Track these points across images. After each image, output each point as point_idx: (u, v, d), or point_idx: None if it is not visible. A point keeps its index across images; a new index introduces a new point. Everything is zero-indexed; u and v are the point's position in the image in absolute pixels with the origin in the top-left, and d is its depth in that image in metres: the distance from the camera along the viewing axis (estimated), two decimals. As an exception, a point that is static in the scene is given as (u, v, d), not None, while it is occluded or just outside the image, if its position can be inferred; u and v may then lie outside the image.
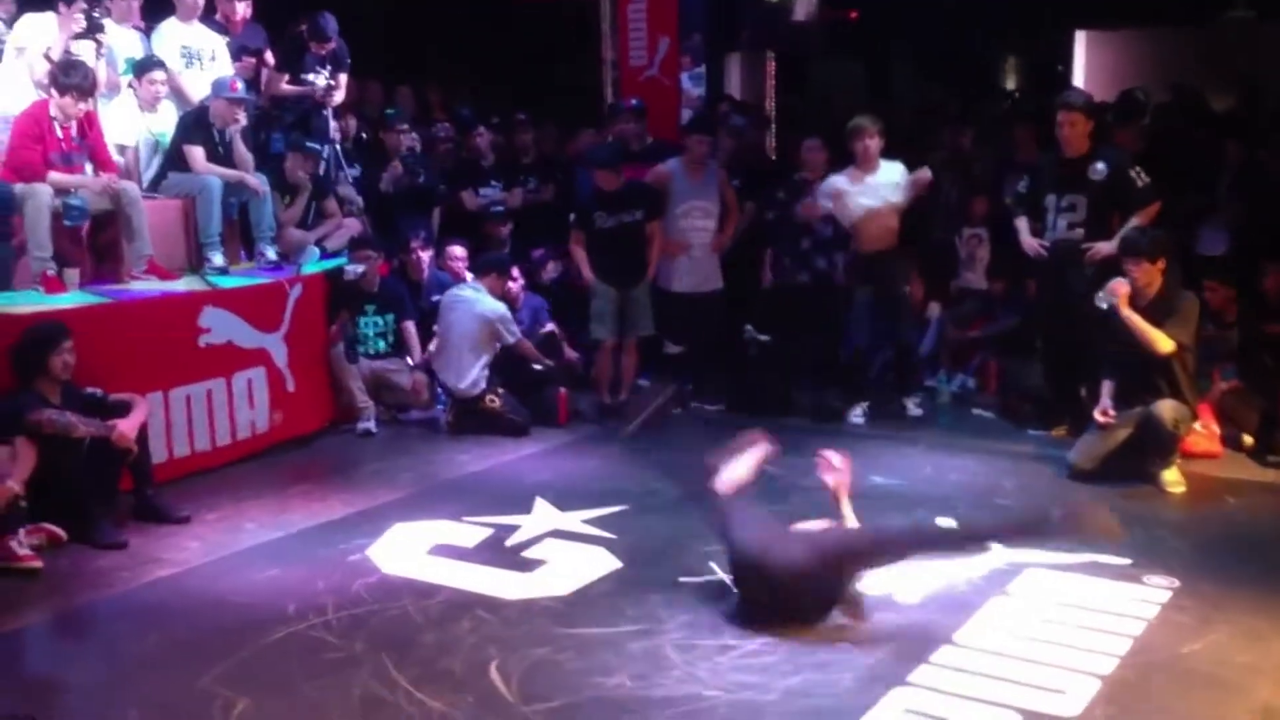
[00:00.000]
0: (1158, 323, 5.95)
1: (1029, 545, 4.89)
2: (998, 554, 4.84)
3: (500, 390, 7.25)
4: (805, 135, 8.14)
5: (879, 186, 7.16)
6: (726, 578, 4.83)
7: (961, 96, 10.80)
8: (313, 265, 7.35)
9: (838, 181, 7.28)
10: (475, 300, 7.25)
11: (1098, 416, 6.10)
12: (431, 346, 7.50)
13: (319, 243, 7.61)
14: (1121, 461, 6.06)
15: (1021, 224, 6.92)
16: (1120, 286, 5.96)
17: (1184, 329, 5.99)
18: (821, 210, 7.34)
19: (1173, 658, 4.13)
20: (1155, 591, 4.66)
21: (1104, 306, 6.00)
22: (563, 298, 8.18)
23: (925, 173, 7.23)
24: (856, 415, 7.35)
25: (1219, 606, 4.52)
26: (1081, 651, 4.15)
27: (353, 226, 7.89)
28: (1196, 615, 4.45)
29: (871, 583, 4.74)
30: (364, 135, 8.94)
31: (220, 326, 6.55)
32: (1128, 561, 4.94)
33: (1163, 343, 5.92)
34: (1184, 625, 4.37)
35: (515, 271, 7.78)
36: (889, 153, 7.28)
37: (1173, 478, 5.95)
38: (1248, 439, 6.53)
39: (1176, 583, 4.72)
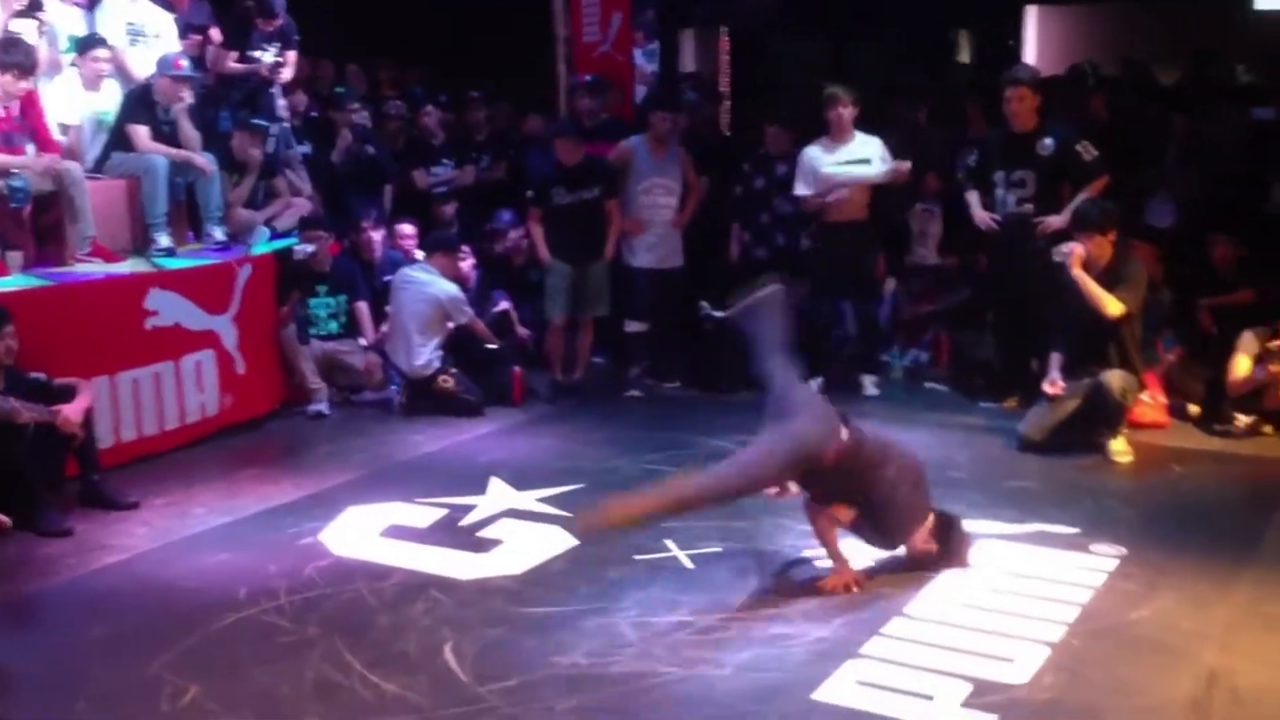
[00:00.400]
0: (1107, 289, 6.01)
1: None
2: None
3: (454, 370, 7.21)
4: (760, 111, 8.13)
5: (853, 155, 7.17)
6: (682, 555, 4.85)
7: (916, 72, 10.82)
8: (262, 245, 7.26)
9: (811, 152, 7.27)
10: (426, 281, 7.20)
11: (1046, 388, 6.16)
12: (385, 327, 7.44)
13: (268, 222, 7.52)
14: (1071, 432, 6.13)
15: (973, 198, 6.97)
16: (1076, 247, 6.03)
17: (1132, 295, 6.05)
18: (835, 196, 7.22)
19: (1120, 624, 4.19)
20: (1103, 560, 4.72)
21: (1057, 260, 6.07)
22: (519, 274, 8.14)
23: (905, 164, 7.22)
24: (812, 389, 7.37)
25: (1165, 573, 4.59)
26: (1030, 620, 4.20)
27: (303, 206, 7.80)
28: (1143, 582, 4.52)
29: (825, 558, 4.78)
30: (314, 113, 8.84)
31: (167, 309, 6.45)
32: (1076, 530, 5.01)
33: (1111, 305, 5.99)
34: (1131, 592, 4.44)
35: (465, 249, 7.73)
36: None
37: (1120, 447, 6.02)
38: (1194, 409, 6.63)
39: (1124, 551, 4.79)
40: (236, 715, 3.70)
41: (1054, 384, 6.15)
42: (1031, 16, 12.06)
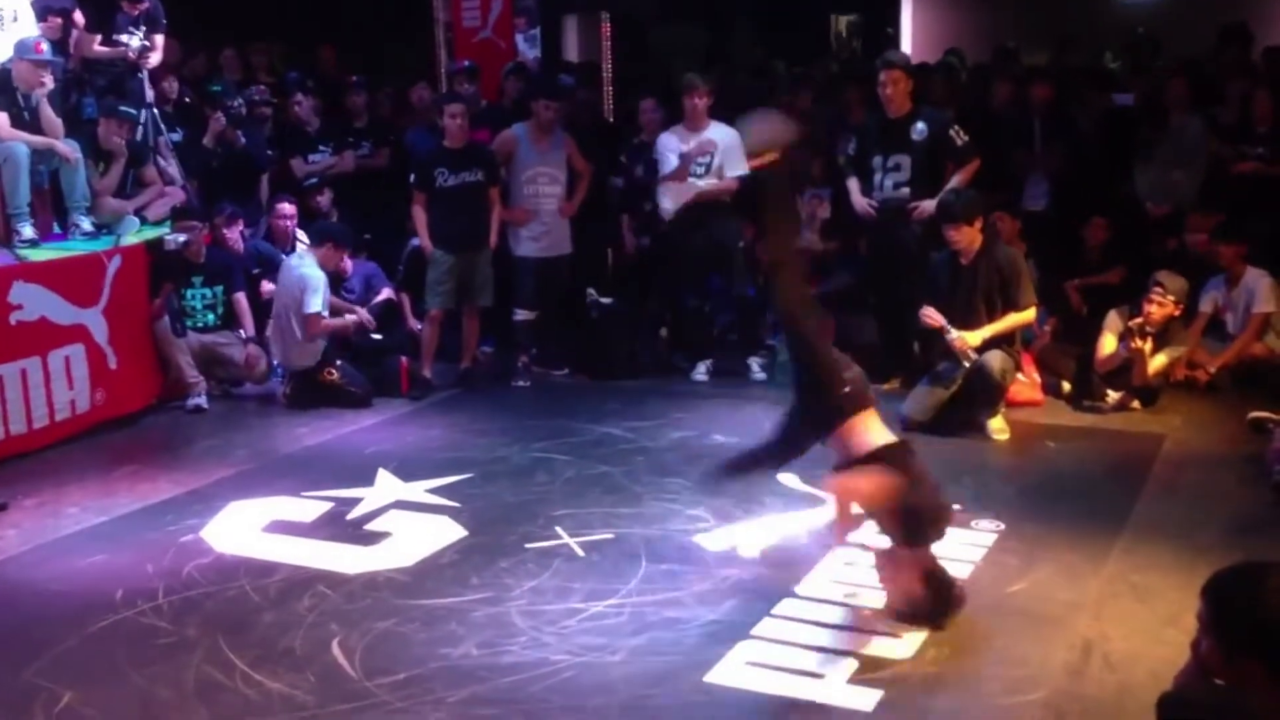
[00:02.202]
0: (994, 288, 6.17)
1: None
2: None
3: (339, 362, 7.08)
4: (642, 98, 8.14)
5: (704, 144, 7.20)
6: (573, 542, 4.85)
7: (797, 59, 10.95)
8: (132, 236, 7.03)
9: (663, 138, 7.35)
10: (295, 266, 7.05)
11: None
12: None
13: (139, 212, 7.28)
14: (951, 412, 6.28)
15: (852, 184, 7.09)
16: (959, 344, 6.13)
17: (1028, 291, 6.24)
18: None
19: (999, 597, 4.31)
20: (983, 535, 4.85)
21: (967, 364, 6.18)
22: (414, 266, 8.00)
23: (731, 184, 7.18)
24: (700, 373, 7.45)
25: (1041, 546, 4.74)
26: (915, 596, 4.29)
27: (175, 195, 7.56)
28: (1021, 555, 4.66)
29: (715, 539, 4.83)
30: (186, 99, 8.56)
31: (32, 302, 6.21)
32: (957, 507, 5.11)
33: (1024, 318, 6.23)
34: (1009, 566, 4.57)
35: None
36: (729, 115, 7.34)
37: (998, 425, 6.20)
38: (1066, 386, 6.85)
39: (1002, 525, 4.94)
40: (114, 721, 3.59)
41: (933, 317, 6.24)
42: (908, 4, 12.30)
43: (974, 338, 6.15)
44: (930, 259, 6.54)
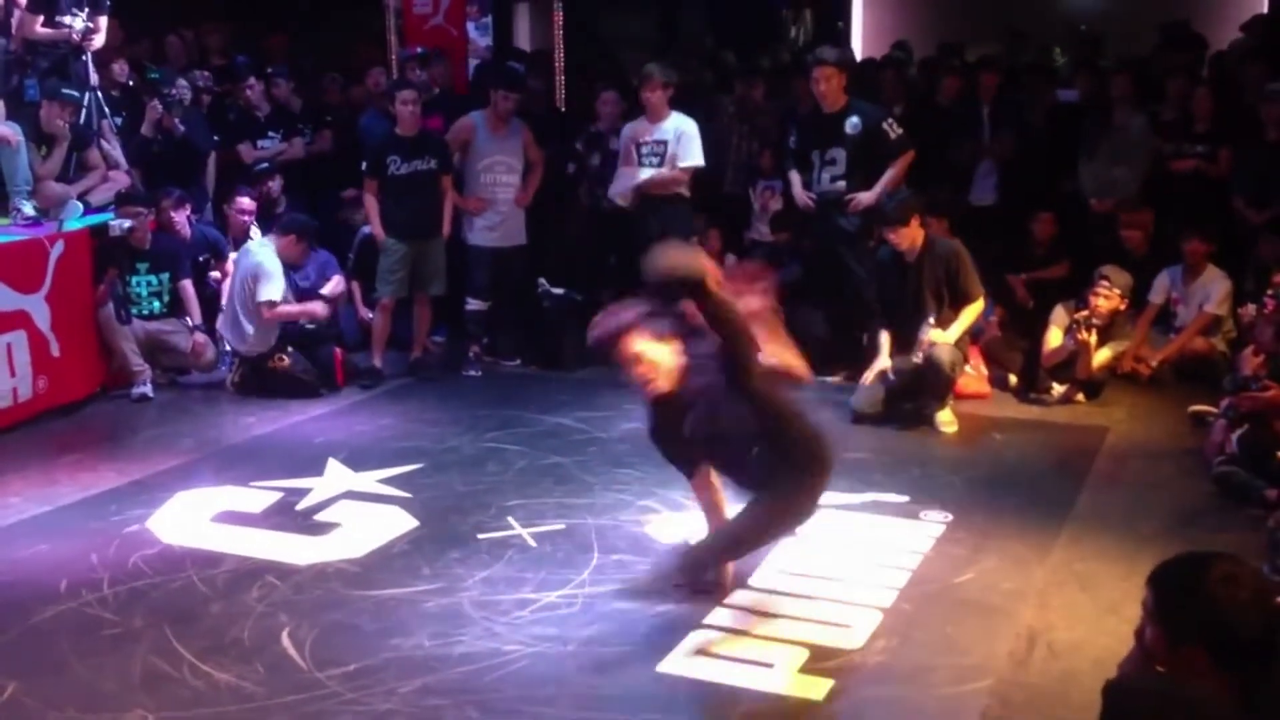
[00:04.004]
0: (941, 281, 6.24)
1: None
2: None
3: (290, 349, 7.00)
4: (594, 86, 8.12)
5: (659, 136, 7.19)
6: (525, 533, 4.84)
7: (748, 50, 10.97)
8: (75, 221, 6.90)
9: (625, 130, 7.32)
10: (252, 253, 6.97)
11: (879, 368, 6.33)
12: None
13: (82, 197, 7.14)
14: (899, 404, 6.34)
15: (794, 177, 7.13)
16: (925, 338, 6.19)
17: (975, 281, 6.32)
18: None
19: (947, 587, 4.37)
20: (931, 526, 4.91)
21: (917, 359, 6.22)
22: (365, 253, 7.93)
23: (675, 173, 7.16)
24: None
25: (988, 536, 4.80)
26: (864, 586, 4.34)
27: (120, 180, 7.43)
28: (968, 546, 4.72)
29: (667, 530, 4.85)
30: (131, 82, 8.41)
31: (-27, 288, 6.10)
32: (906, 499, 5.20)
33: (979, 308, 6.32)
34: (957, 556, 4.63)
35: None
36: (681, 105, 7.34)
37: (946, 418, 6.27)
38: (1013, 378, 6.94)
39: (950, 516, 5.00)
40: (59, 711, 3.54)
41: (886, 369, 6.31)
42: (859, -1, 12.39)
43: (949, 336, 6.21)
44: (872, 252, 6.60)
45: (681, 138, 7.18)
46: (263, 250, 6.97)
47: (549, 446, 5.95)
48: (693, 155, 7.22)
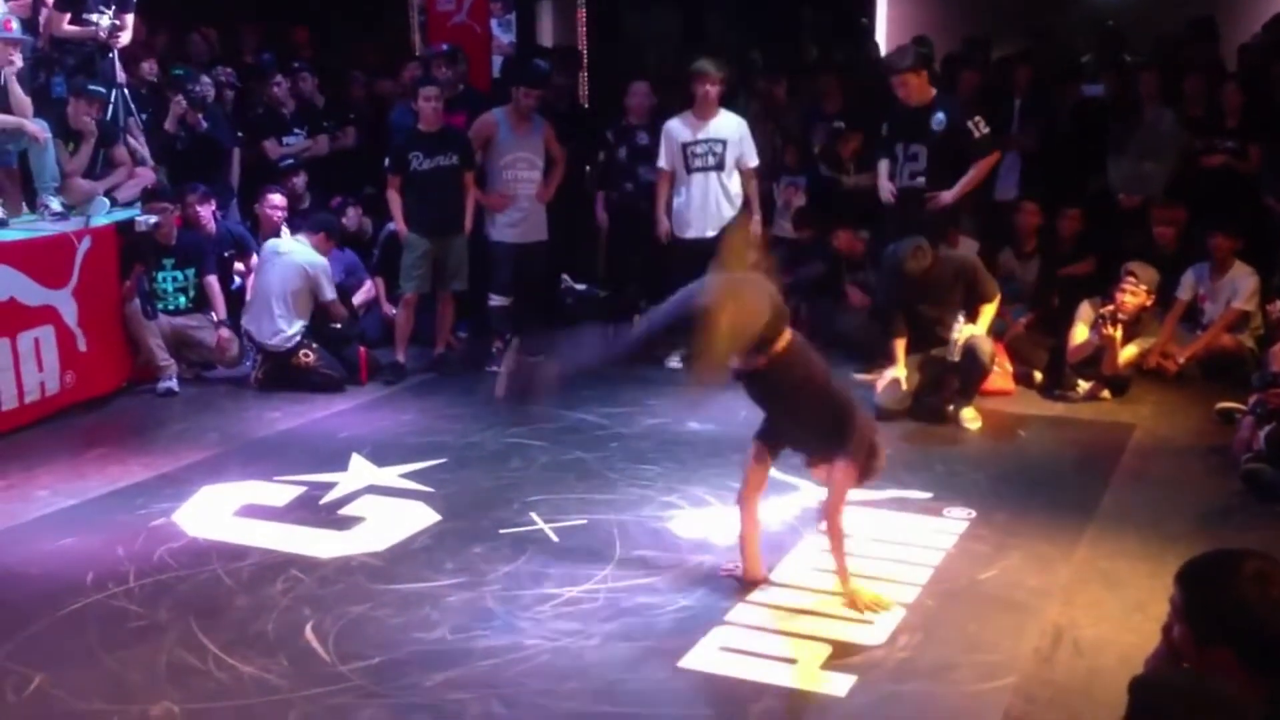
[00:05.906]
0: (959, 290, 6.28)
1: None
2: (811, 493, 4.99)
3: (314, 345, 7.03)
4: (618, 82, 8.11)
5: (712, 134, 7.15)
6: (547, 528, 4.85)
7: (770, 47, 10.94)
8: (102, 217, 6.95)
9: (672, 125, 7.25)
10: (298, 252, 7.03)
11: (892, 376, 6.32)
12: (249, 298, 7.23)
13: (109, 193, 7.20)
14: (925, 400, 6.32)
15: (882, 167, 7.03)
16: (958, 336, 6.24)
17: (990, 281, 6.37)
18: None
19: (970, 584, 4.35)
20: (954, 523, 4.89)
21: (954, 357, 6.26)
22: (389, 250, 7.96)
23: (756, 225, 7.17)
24: (674, 360, 7.42)
25: (1012, 534, 4.78)
26: (887, 583, 4.31)
27: (146, 176, 7.49)
28: (991, 543, 4.70)
29: (689, 525, 4.84)
30: (156, 79, 8.46)
31: (1, 283, 6.13)
32: (929, 495, 5.18)
33: (994, 308, 6.35)
34: (980, 553, 4.61)
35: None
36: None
37: (970, 415, 6.24)
38: (1038, 375, 6.90)
39: (973, 513, 4.97)
40: (85, 702, 3.57)
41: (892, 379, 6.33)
42: (882, -6, 12.33)
43: (978, 329, 6.23)
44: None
45: (744, 139, 7.18)
46: (302, 248, 7.04)
47: (571, 442, 5.95)
48: (754, 155, 7.23)
